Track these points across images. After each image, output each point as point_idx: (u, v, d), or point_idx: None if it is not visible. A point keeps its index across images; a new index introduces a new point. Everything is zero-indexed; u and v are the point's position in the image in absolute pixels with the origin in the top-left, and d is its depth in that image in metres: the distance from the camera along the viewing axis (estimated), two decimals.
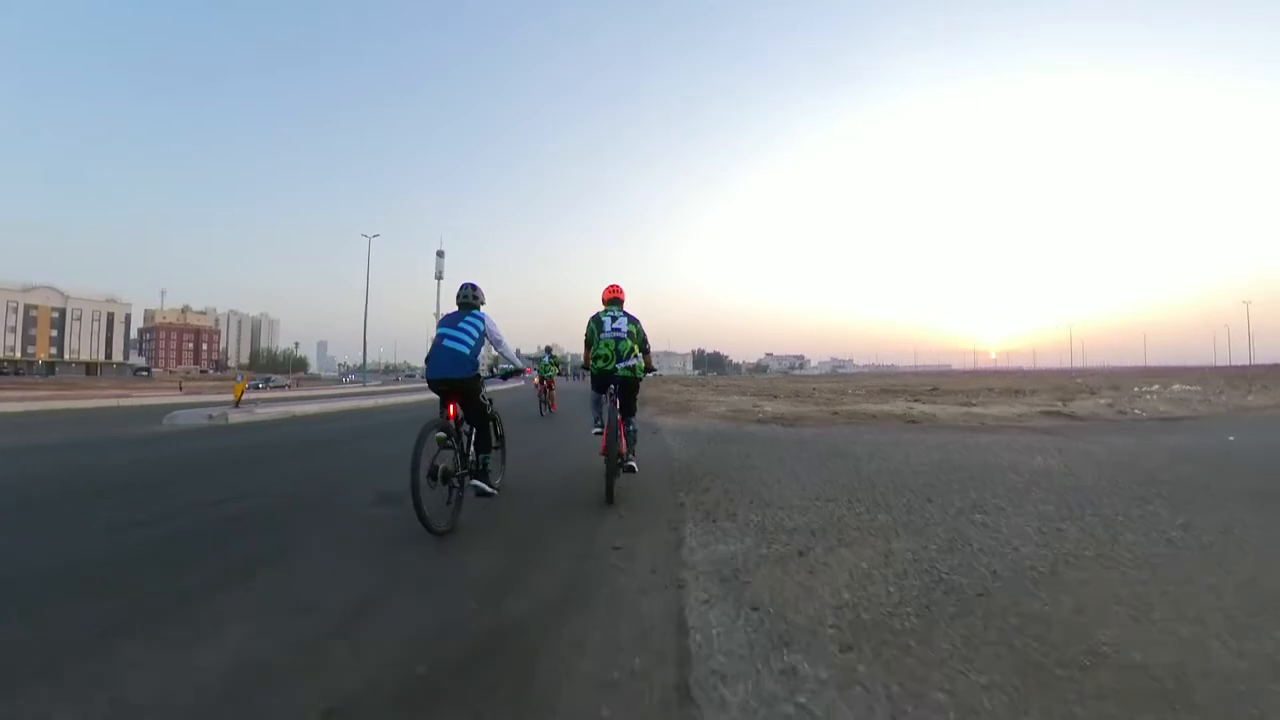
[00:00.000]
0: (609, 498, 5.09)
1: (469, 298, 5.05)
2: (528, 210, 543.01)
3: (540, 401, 15.84)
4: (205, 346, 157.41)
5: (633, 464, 5.70)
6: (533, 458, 7.85)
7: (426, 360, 4.88)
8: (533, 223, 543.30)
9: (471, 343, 4.78)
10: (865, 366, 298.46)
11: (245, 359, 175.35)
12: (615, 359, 5.53)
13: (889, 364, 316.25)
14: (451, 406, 4.65)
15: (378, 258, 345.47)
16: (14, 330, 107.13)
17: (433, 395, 4.73)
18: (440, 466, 4.26)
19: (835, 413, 13.53)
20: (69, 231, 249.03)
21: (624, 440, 5.49)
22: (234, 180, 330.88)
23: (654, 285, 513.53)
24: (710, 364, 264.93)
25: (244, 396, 18.34)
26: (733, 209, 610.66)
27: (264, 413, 15.75)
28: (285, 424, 14.11)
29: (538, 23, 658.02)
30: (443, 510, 4.23)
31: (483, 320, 4.94)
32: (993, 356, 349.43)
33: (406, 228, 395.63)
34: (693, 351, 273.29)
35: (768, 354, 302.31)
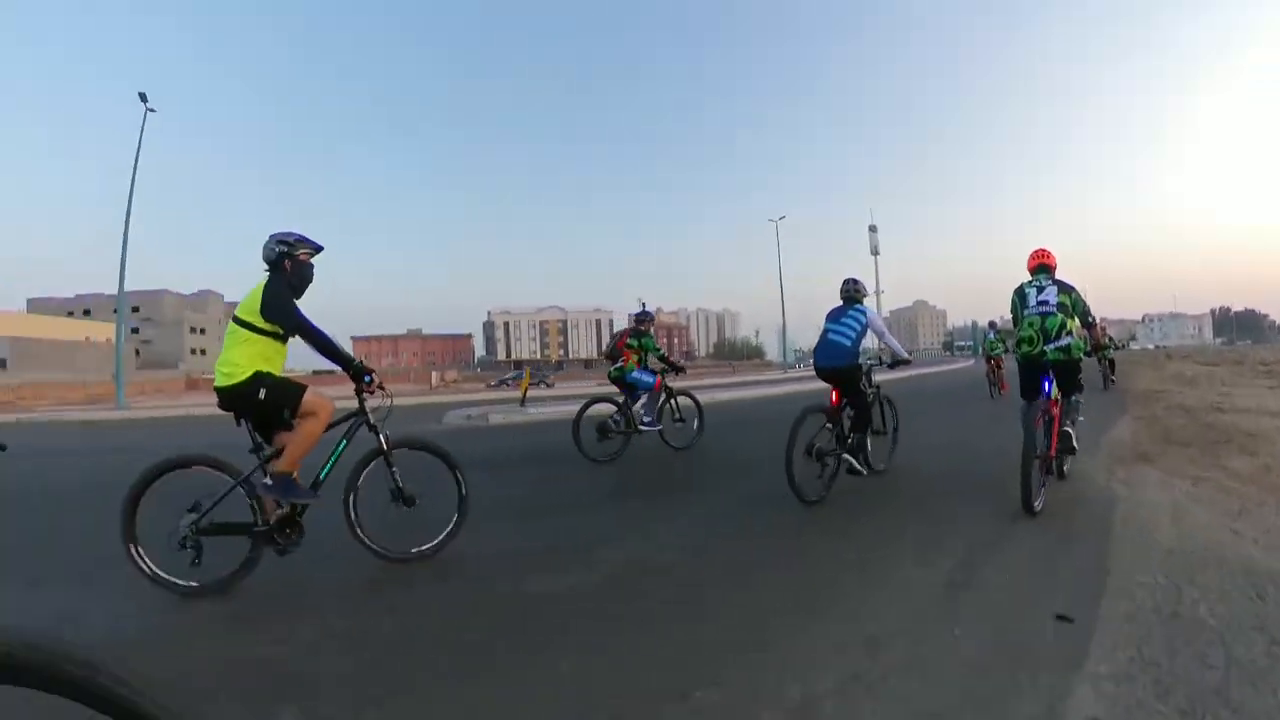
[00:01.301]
0: (1028, 505, 4.23)
1: (851, 292, 5.39)
2: (965, 169, 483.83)
3: (989, 383, 14.75)
4: (675, 341, 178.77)
5: (1073, 443, 4.94)
6: (948, 448, 7.44)
7: (814, 351, 5.53)
8: (969, 183, 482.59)
9: (853, 335, 5.13)
10: None
11: (711, 350, 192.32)
12: (1042, 339, 4.81)
13: None
14: (835, 393, 5.16)
15: (814, 240, 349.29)
16: (534, 340, 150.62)
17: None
18: (816, 444, 4.78)
19: None
20: (568, 261, 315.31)
21: (1056, 439, 4.78)
22: (696, 192, 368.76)
23: (1142, 233, 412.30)
24: (1240, 328, 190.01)
25: (527, 393, 16.27)
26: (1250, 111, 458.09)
27: (540, 413, 13.10)
28: (542, 429, 11.46)
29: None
30: (814, 483, 4.78)
31: (865, 313, 5.25)
32: None
33: (836, 207, 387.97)
34: (1211, 311, 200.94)
35: None
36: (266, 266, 3.61)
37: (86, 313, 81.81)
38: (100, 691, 0.99)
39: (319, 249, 3.75)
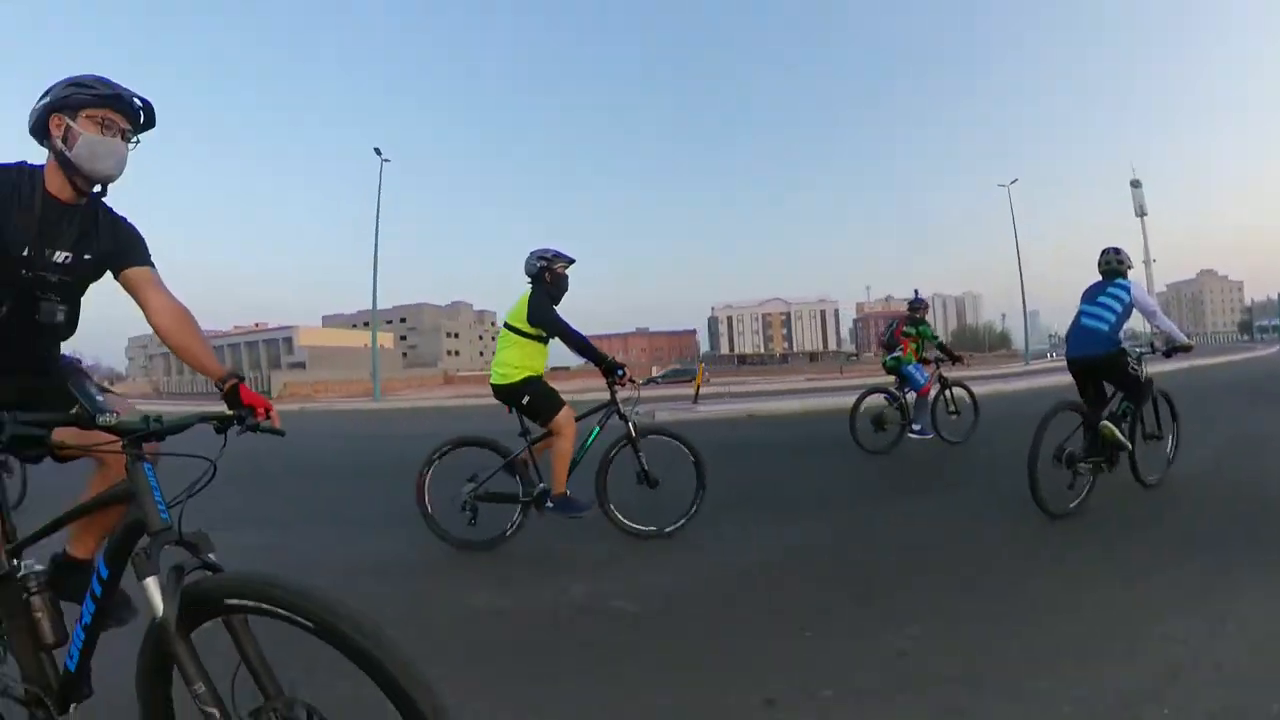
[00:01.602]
0: None
1: (1112, 264, 4.66)
2: (1261, 91, 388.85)
3: None
4: None
5: None
6: (1242, 460, 5.82)
7: (1066, 338, 4.74)
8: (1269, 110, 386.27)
9: (1112, 318, 4.40)
10: None
11: (949, 338, 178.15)
12: None
13: None
14: (1091, 390, 4.52)
15: (1065, 206, 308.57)
16: (757, 334, 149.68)
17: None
18: (1067, 449, 4.15)
19: None
20: (792, 253, 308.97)
21: None
22: (926, 167, 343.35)
23: None
24: None
25: (700, 390, 15.73)
26: None
27: (712, 411, 12.67)
28: (710, 428, 11.00)
29: None
30: (1063, 494, 4.10)
31: (1128, 290, 4.48)
32: None
33: (1088, 164, 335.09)
34: None
35: None
36: (529, 279, 4.13)
37: (366, 324, 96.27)
38: (321, 622, 1.16)
39: (572, 261, 4.19)
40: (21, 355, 1.78)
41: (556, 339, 4.09)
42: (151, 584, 1.27)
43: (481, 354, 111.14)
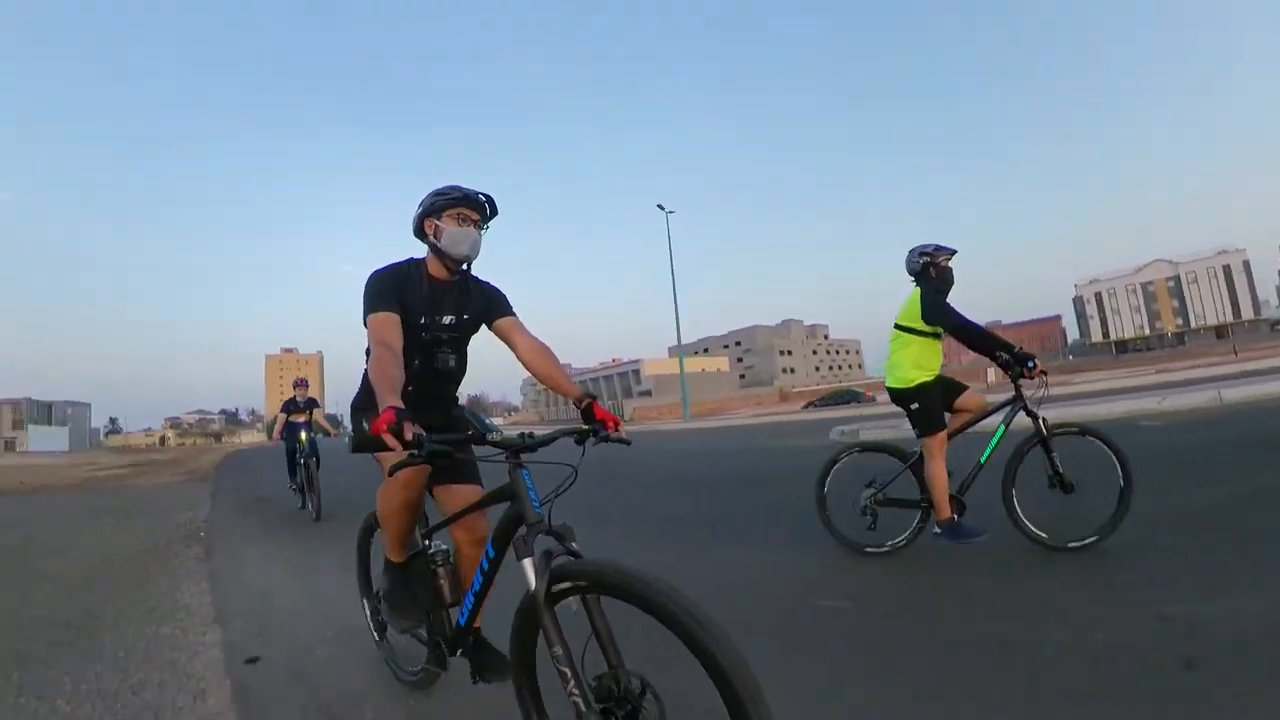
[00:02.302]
0: None
1: None
2: None
3: None
4: None
5: None
6: None
7: None
8: None
9: None
10: None
11: None
12: None
13: None
14: None
15: None
16: (1137, 310, 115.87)
17: None
18: None
19: None
20: (1170, 199, 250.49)
21: None
22: None
23: None
24: None
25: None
26: None
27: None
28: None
29: None
30: None
31: None
32: None
33: None
34: None
35: None
36: (912, 277, 4.03)
37: (705, 350, 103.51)
38: (661, 605, 1.35)
39: (954, 252, 3.98)
40: (430, 394, 2.31)
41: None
42: (527, 564, 1.58)
43: (816, 369, 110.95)
